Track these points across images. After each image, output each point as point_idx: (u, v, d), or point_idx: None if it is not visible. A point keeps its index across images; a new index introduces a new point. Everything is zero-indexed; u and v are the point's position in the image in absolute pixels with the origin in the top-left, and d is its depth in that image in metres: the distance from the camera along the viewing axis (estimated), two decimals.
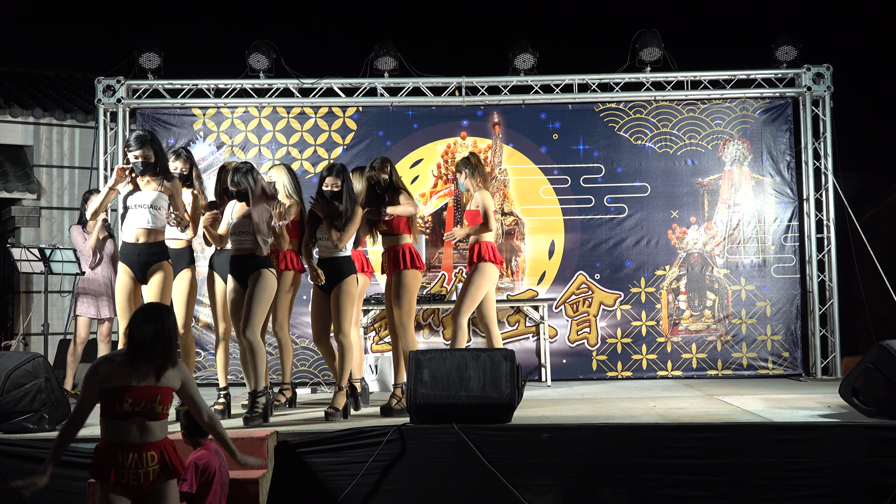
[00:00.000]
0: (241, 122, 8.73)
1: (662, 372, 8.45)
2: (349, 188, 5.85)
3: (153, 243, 5.35)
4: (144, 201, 5.32)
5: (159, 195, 5.34)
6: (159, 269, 5.35)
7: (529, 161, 8.68)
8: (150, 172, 5.35)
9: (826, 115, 8.49)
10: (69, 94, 11.34)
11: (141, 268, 5.34)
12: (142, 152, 5.29)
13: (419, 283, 6.09)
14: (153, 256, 5.35)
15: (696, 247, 8.57)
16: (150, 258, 5.34)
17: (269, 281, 5.54)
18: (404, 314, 5.93)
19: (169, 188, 5.36)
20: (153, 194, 5.33)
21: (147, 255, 5.33)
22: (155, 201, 5.32)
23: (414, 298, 6.00)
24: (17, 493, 4.94)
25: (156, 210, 5.30)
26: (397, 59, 8.58)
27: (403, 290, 5.93)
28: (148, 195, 5.34)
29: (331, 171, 5.87)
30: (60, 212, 10.19)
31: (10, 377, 5.32)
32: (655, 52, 8.51)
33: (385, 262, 6.09)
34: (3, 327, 10.37)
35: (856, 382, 5.49)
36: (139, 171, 5.30)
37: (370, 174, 6.05)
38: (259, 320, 5.50)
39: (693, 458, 5.10)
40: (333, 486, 5.12)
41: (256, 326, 5.47)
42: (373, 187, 6.06)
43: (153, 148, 5.33)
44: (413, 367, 5.31)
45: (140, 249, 5.33)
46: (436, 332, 8.51)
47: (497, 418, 5.26)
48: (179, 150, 6.00)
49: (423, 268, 6.10)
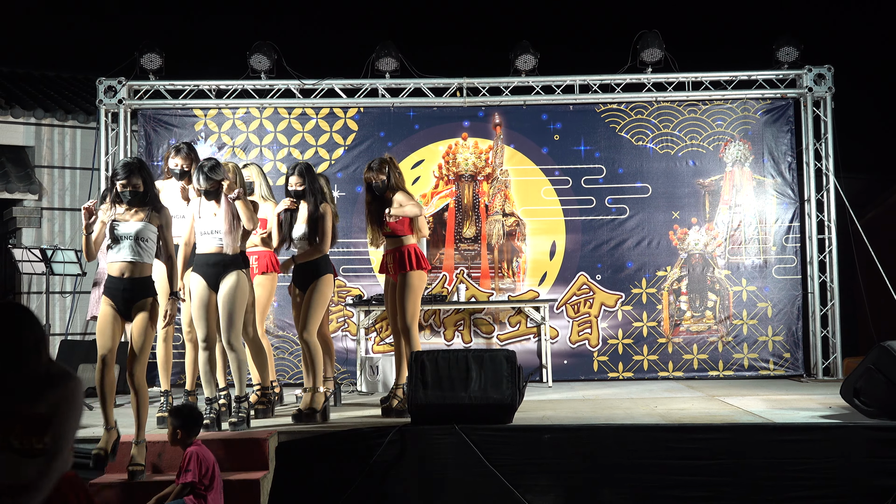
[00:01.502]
0: (243, 123, 8.73)
1: (664, 373, 8.45)
2: (315, 188, 5.83)
3: (139, 279, 4.83)
4: (129, 232, 4.84)
5: (146, 226, 4.85)
6: (144, 308, 4.82)
7: (531, 162, 8.68)
8: (139, 203, 4.88)
9: (827, 115, 8.48)
10: (70, 94, 11.35)
11: (125, 304, 4.83)
12: (129, 181, 4.83)
13: (425, 284, 6.06)
14: (139, 293, 4.83)
15: (698, 248, 8.57)
16: (136, 295, 4.82)
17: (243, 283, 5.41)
18: (409, 315, 5.88)
19: (158, 219, 4.92)
20: (139, 225, 4.84)
21: (132, 292, 4.82)
22: (141, 232, 4.83)
23: (419, 299, 5.97)
24: None
25: (143, 242, 4.83)
26: (398, 60, 8.59)
27: (409, 291, 5.88)
28: (133, 226, 4.84)
29: (293, 170, 5.90)
30: (62, 212, 10.19)
31: None
32: (657, 53, 8.51)
33: (389, 262, 6.03)
34: None
35: (857, 383, 5.49)
36: (126, 200, 4.85)
37: (368, 175, 6.00)
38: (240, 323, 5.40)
39: (694, 458, 5.10)
40: (334, 486, 5.12)
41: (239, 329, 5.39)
42: (371, 188, 6.02)
43: (142, 176, 4.87)
44: (414, 368, 5.31)
45: (125, 285, 4.82)
46: (437, 333, 8.51)
47: (498, 419, 5.27)
48: (180, 146, 5.92)
49: (428, 268, 6.08)
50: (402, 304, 5.90)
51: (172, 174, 5.94)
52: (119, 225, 4.85)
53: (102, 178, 8.57)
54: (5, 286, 10.41)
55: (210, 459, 4.53)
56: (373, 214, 6.04)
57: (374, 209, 6.02)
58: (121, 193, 4.87)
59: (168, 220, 4.98)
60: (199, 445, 4.53)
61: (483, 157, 8.69)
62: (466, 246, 8.65)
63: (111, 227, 4.83)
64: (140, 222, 4.85)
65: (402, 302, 5.90)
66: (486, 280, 8.59)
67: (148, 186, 4.92)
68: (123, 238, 4.82)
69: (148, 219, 4.87)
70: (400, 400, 5.89)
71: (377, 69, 8.64)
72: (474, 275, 8.59)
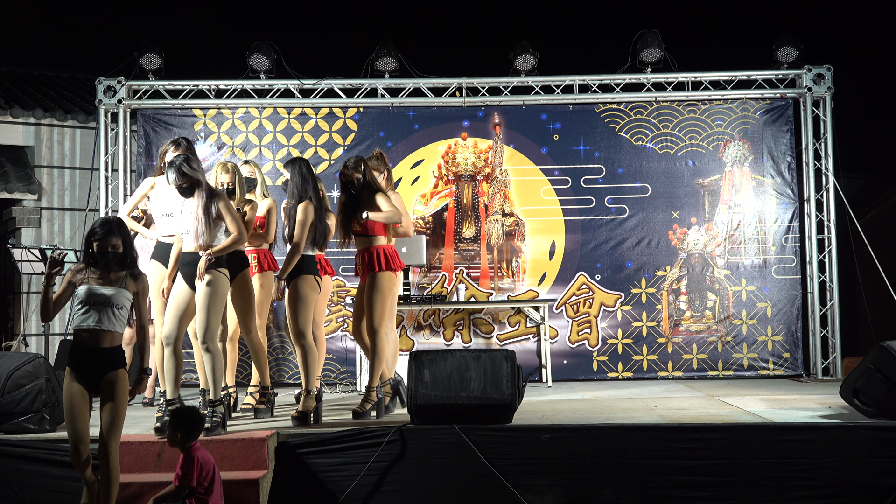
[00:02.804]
0: (242, 123, 8.73)
1: (663, 373, 8.45)
2: (295, 184, 5.72)
3: (109, 349, 4.34)
4: (102, 297, 4.32)
5: (119, 292, 4.35)
6: (115, 381, 4.32)
7: (530, 162, 8.68)
8: (116, 265, 4.40)
9: (827, 115, 8.49)
10: (70, 94, 11.35)
11: (93, 377, 4.32)
12: (107, 240, 4.36)
13: (395, 285, 5.91)
14: (109, 364, 4.32)
15: (697, 247, 8.57)
16: (106, 366, 4.31)
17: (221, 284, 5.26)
18: (376, 317, 5.73)
19: (134, 285, 4.43)
20: (112, 291, 4.34)
21: (100, 364, 4.31)
22: (115, 299, 4.33)
23: (388, 301, 5.80)
24: (15, 491, 4.97)
25: (117, 309, 4.33)
26: (398, 60, 8.59)
27: (377, 292, 5.74)
28: (107, 291, 4.34)
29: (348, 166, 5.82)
30: (61, 212, 10.19)
31: (10, 378, 5.33)
32: (656, 53, 8.51)
33: (358, 263, 5.89)
34: (3, 328, 10.37)
35: (856, 383, 5.49)
36: (102, 262, 4.37)
37: (343, 173, 5.86)
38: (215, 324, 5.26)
39: (694, 458, 5.10)
40: (334, 486, 5.12)
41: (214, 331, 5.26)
42: (347, 187, 5.88)
43: (121, 236, 4.41)
44: (414, 368, 5.30)
45: (93, 356, 4.30)
46: (437, 333, 8.51)
47: (498, 419, 5.26)
48: (179, 140, 5.77)
49: (399, 269, 5.91)
50: (369, 305, 5.76)
51: None
52: (91, 288, 4.33)
53: (102, 178, 8.57)
54: (5, 286, 10.41)
55: (210, 462, 4.53)
56: (345, 214, 5.90)
57: (348, 208, 5.88)
58: (97, 254, 4.40)
59: (145, 287, 4.50)
60: (199, 449, 4.53)
61: (482, 157, 8.69)
62: (466, 246, 8.65)
63: (87, 292, 4.31)
64: (114, 288, 4.36)
65: (369, 303, 5.76)
66: (486, 280, 8.59)
67: (128, 248, 4.45)
68: (94, 304, 4.32)
69: (124, 284, 4.39)
70: (373, 403, 5.75)
71: (376, 69, 8.64)
72: (474, 275, 8.59)
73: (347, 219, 5.88)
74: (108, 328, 4.33)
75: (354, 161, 5.87)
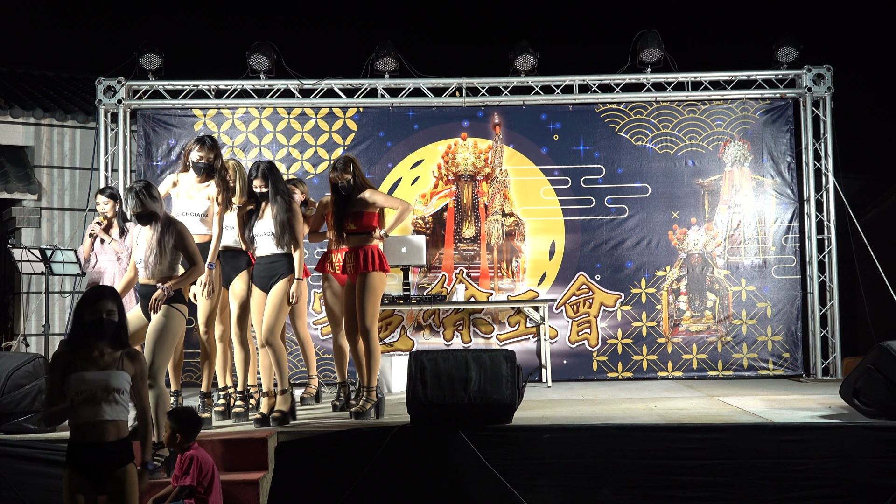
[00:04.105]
0: (242, 123, 8.73)
1: (663, 373, 8.45)
2: (279, 189, 5.61)
3: (116, 443, 3.75)
4: (98, 384, 3.75)
5: (117, 375, 3.79)
6: (125, 477, 3.78)
7: (530, 162, 8.68)
8: (109, 343, 3.84)
9: (826, 115, 8.49)
10: (70, 94, 11.35)
11: (98, 475, 3.78)
12: (102, 305, 3.82)
13: (385, 286, 5.90)
14: (117, 458, 3.77)
15: (697, 248, 8.57)
16: (114, 460, 3.77)
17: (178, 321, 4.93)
18: (368, 317, 5.70)
19: (132, 366, 3.88)
20: (109, 374, 3.77)
21: (108, 456, 3.76)
22: (114, 383, 3.77)
23: (379, 301, 5.80)
24: (15, 492, 4.96)
25: (118, 395, 3.77)
26: (398, 60, 8.59)
27: (369, 292, 5.71)
28: (103, 375, 3.76)
29: (256, 172, 5.61)
30: (61, 212, 10.18)
31: (10, 378, 5.34)
32: (656, 53, 8.51)
33: (350, 262, 5.82)
34: (3, 328, 10.37)
35: (856, 383, 5.49)
36: (96, 337, 3.81)
37: (332, 175, 5.82)
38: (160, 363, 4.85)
39: (693, 458, 5.10)
40: (334, 487, 5.12)
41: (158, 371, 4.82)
42: (337, 189, 5.83)
43: (116, 304, 3.88)
44: (414, 368, 5.30)
45: (96, 452, 3.74)
46: (436, 333, 8.51)
47: (498, 419, 5.26)
48: (204, 138, 5.67)
49: (388, 270, 5.90)
50: (361, 305, 5.71)
51: (194, 168, 5.71)
52: (83, 375, 3.74)
53: (102, 179, 8.57)
54: (5, 286, 10.41)
55: (209, 463, 4.53)
56: (338, 216, 5.86)
57: (340, 210, 5.85)
58: (90, 324, 3.79)
59: (143, 369, 3.97)
60: (197, 449, 4.53)
61: (482, 157, 8.69)
62: (466, 246, 8.65)
63: (80, 380, 3.73)
64: (109, 371, 3.78)
65: (361, 303, 5.72)
66: (486, 280, 8.59)
67: (122, 318, 3.90)
68: (91, 393, 3.73)
69: (120, 366, 3.82)
70: (372, 403, 5.72)
71: (376, 69, 8.64)
72: (473, 275, 8.59)
73: (340, 219, 5.85)
74: (111, 418, 3.73)
75: (343, 162, 5.82)
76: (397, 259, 7.83)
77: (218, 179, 5.70)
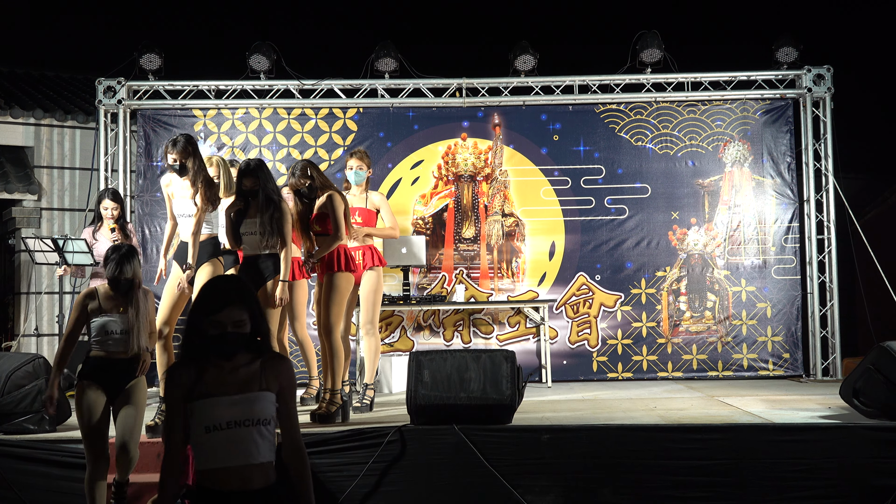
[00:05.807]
0: (242, 124, 8.73)
1: (663, 373, 8.45)
2: (269, 188, 5.52)
3: (262, 490, 2.95)
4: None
5: (261, 398, 2.79)
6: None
7: (530, 162, 8.68)
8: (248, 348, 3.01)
9: (826, 116, 8.49)
10: (70, 95, 11.35)
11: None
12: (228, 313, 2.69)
13: (352, 286, 5.89)
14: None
15: (697, 248, 8.57)
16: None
17: None
18: (332, 317, 5.68)
19: (275, 383, 2.83)
20: (250, 398, 2.77)
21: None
22: (259, 409, 2.81)
23: (344, 302, 5.79)
24: (15, 492, 4.96)
25: (264, 427, 2.85)
26: (398, 61, 8.59)
27: (335, 292, 5.70)
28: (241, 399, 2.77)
29: (245, 171, 5.50)
30: (61, 213, 10.18)
31: (10, 378, 5.34)
32: (656, 54, 8.51)
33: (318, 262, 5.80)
34: (3, 328, 10.37)
35: (856, 383, 5.49)
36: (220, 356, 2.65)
37: (292, 182, 5.81)
38: None
39: (694, 459, 5.10)
40: (334, 486, 5.12)
41: None
42: (299, 195, 5.82)
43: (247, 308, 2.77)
44: (414, 368, 5.30)
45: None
46: (436, 333, 8.51)
47: (498, 419, 5.26)
48: (177, 139, 5.55)
49: (356, 271, 5.90)
50: (326, 305, 5.70)
51: (170, 169, 5.68)
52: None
53: (102, 179, 8.57)
54: (5, 286, 10.41)
55: None
56: (302, 221, 5.84)
57: (304, 215, 5.84)
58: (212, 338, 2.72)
59: (292, 382, 2.90)
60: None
61: (482, 158, 8.69)
62: (466, 246, 8.65)
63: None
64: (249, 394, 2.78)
65: (326, 303, 5.70)
66: (486, 280, 8.59)
67: (257, 321, 2.79)
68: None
69: (262, 382, 2.81)
70: (339, 406, 5.64)
71: (376, 69, 8.64)
72: (473, 275, 8.59)
73: (305, 223, 5.85)
74: (257, 461, 2.90)
75: (301, 168, 5.81)
76: (397, 259, 7.83)
77: (193, 178, 5.54)
